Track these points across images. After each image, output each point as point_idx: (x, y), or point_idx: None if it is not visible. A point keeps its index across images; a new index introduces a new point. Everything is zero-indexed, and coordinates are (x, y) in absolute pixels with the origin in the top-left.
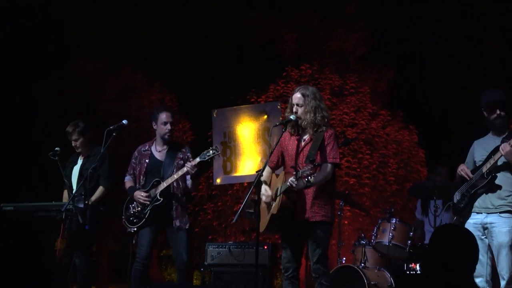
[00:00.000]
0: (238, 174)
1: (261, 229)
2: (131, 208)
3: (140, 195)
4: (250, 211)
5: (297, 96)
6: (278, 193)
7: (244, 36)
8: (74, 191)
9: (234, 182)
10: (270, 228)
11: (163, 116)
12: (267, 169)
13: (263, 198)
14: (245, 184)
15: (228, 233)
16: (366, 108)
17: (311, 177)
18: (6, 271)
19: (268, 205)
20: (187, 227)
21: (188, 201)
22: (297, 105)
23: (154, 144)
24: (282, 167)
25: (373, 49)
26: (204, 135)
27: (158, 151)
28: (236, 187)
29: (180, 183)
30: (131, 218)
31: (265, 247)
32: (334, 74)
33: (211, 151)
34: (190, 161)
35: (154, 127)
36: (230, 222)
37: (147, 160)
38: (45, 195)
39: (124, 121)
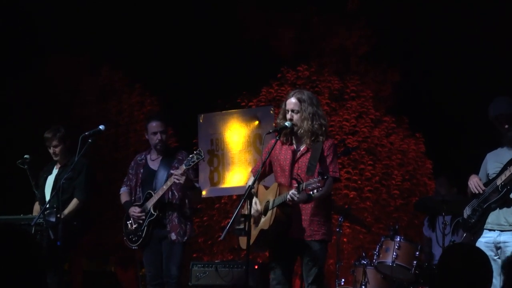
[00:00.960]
0: (226, 186)
1: (244, 246)
2: (129, 225)
3: (134, 211)
4: (239, 227)
5: (292, 101)
6: (271, 207)
7: (234, 32)
8: (45, 203)
9: (221, 194)
10: (258, 245)
11: (152, 126)
12: (253, 179)
13: (253, 212)
14: (234, 197)
15: (214, 251)
16: (368, 114)
17: (316, 191)
18: None
19: (256, 219)
20: (184, 240)
21: (191, 212)
22: (292, 111)
23: (150, 152)
24: (267, 177)
25: (376, 48)
26: (189, 142)
27: (153, 160)
28: (224, 200)
29: (176, 193)
30: (130, 236)
31: (256, 267)
32: (333, 76)
33: (195, 157)
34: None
35: (146, 137)
36: (217, 239)
37: (141, 170)
38: (13, 207)
39: (101, 127)
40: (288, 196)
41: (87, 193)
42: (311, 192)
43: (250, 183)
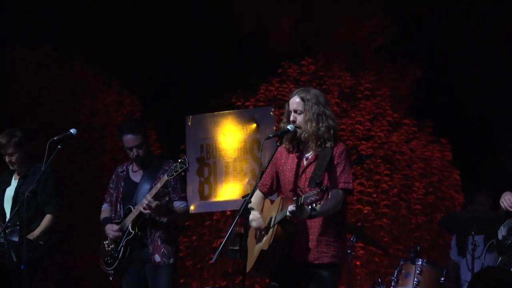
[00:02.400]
0: (218, 199)
1: (247, 268)
2: (106, 245)
3: (109, 229)
4: (234, 248)
5: (295, 101)
6: (272, 224)
7: (229, 23)
8: (7, 220)
9: (213, 210)
10: (258, 268)
11: (126, 140)
12: (258, 194)
13: (253, 224)
14: (228, 213)
15: (205, 276)
16: (385, 116)
17: (316, 205)
18: None
19: (258, 237)
20: (171, 262)
21: (176, 231)
22: (296, 112)
23: (132, 163)
24: (277, 193)
25: (394, 39)
26: (175, 149)
27: (134, 171)
28: (216, 216)
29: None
30: (106, 259)
31: None
32: (344, 72)
33: (178, 166)
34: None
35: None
36: (208, 262)
37: (122, 184)
38: None
39: (72, 130)
40: (287, 212)
41: (61, 208)
42: (311, 206)
43: (253, 199)
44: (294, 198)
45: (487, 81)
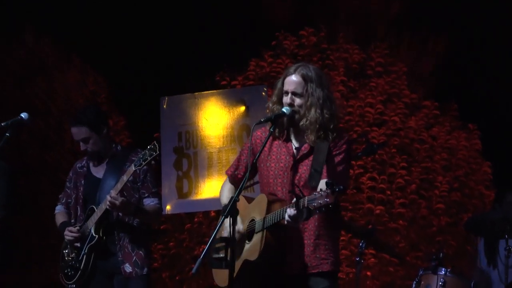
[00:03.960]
0: (200, 197)
1: (223, 283)
2: (65, 255)
3: (68, 233)
4: (219, 256)
5: (294, 80)
6: (258, 229)
7: None
8: None
9: (194, 210)
10: (241, 282)
11: (72, 132)
12: (229, 186)
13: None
14: (212, 214)
15: None
16: (401, 97)
17: (327, 209)
18: None
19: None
20: (145, 272)
21: (149, 235)
22: (294, 93)
23: None
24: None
25: (413, 7)
26: (148, 138)
27: (95, 165)
28: (198, 218)
29: None
30: (66, 271)
31: None
32: (352, 44)
33: (147, 152)
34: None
35: None
36: (188, 274)
37: (83, 182)
38: None
39: (23, 115)
40: (287, 217)
41: (12, 208)
42: (317, 211)
43: (226, 192)
44: (293, 200)
45: None
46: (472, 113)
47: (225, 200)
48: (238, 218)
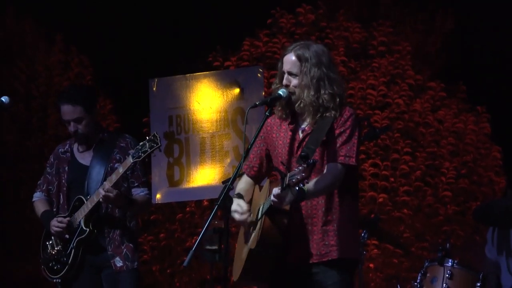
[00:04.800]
0: (192, 185)
1: (235, 276)
2: (49, 247)
3: (55, 225)
4: (212, 247)
5: (290, 60)
6: (259, 216)
7: None
8: None
9: (186, 199)
10: (248, 273)
11: (62, 111)
12: (246, 179)
13: (236, 216)
14: (205, 203)
15: (176, 284)
16: (405, 78)
17: (303, 184)
18: None
19: (247, 234)
20: (135, 266)
21: (138, 227)
22: (290, 73)
23: (76, 141)
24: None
25: None
26: (136, 122)
27: (81, 151)
28: (190, 208)
29: None
30: (51, 264)
31: None
32: (353, 22)
33: (147, 145)
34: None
35: None
36: (180, 267)
37: (66, 168)
38: None
39: (4, 98)
40: (272, 197)
41: None
42: (299, 186)
43: (241, 184)
44: (279, 179)
45: None
46: (480, 95)
47: (236, 190)
48: (243, 201)
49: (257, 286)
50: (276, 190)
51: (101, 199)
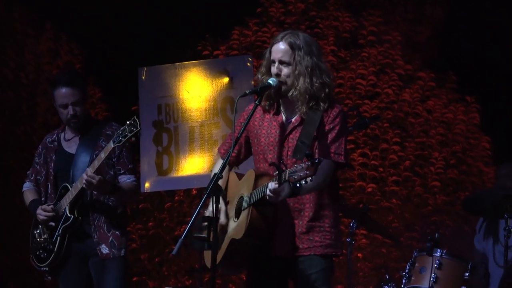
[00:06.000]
0: (181, 174)
1: (209, 263)
2: (36, 235)
3: (41, 213)
4: (201, 235)
5: (281, 48)
6: (245, 205)
7: None
8: None
9: (174, 188)
10: (228, 263)
11: (60, 94)
12: (221, 162)
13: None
14: (194, 192)
15: (165, 273)
16: (394, 68)
17: (307, 182)
18: None
19: (223, 224)
20: (122, 254)
21: (125, 214)
22: (281, 62)
23: (64, 130)
24: (243, 163)
25: None
26: (125, 111)
27: (67, 139)
28: (179, 197)
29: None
30: (38, 252)
31: None
32: (342, 11)
33: (127, 129)
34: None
35: (56, 107)
36: (168, 255)
37: (54, 157)
38: None
39: None
40: (268, 191)
41: None
42: (298, 184)
43: (216, 169)
44: (275, 173)
45: None
46: (470, 85)
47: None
48: (228, 195)
49: (233, 273)
50: (273, 185)
51: (84, 185)
